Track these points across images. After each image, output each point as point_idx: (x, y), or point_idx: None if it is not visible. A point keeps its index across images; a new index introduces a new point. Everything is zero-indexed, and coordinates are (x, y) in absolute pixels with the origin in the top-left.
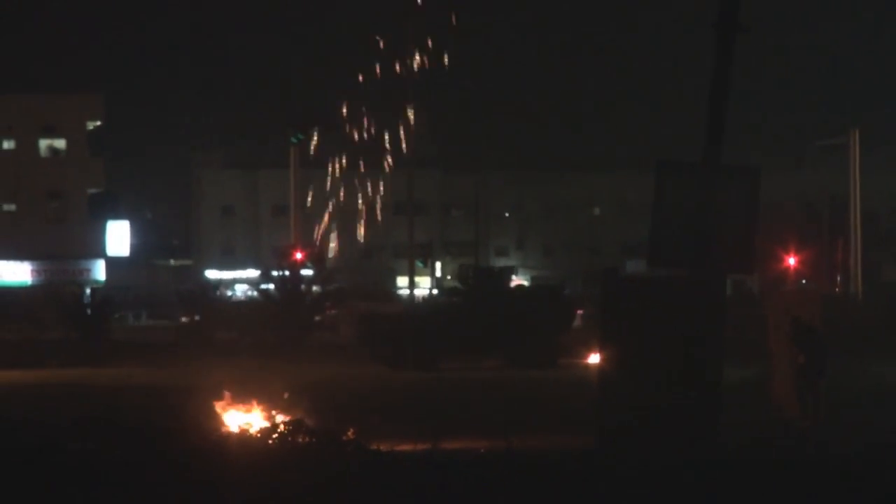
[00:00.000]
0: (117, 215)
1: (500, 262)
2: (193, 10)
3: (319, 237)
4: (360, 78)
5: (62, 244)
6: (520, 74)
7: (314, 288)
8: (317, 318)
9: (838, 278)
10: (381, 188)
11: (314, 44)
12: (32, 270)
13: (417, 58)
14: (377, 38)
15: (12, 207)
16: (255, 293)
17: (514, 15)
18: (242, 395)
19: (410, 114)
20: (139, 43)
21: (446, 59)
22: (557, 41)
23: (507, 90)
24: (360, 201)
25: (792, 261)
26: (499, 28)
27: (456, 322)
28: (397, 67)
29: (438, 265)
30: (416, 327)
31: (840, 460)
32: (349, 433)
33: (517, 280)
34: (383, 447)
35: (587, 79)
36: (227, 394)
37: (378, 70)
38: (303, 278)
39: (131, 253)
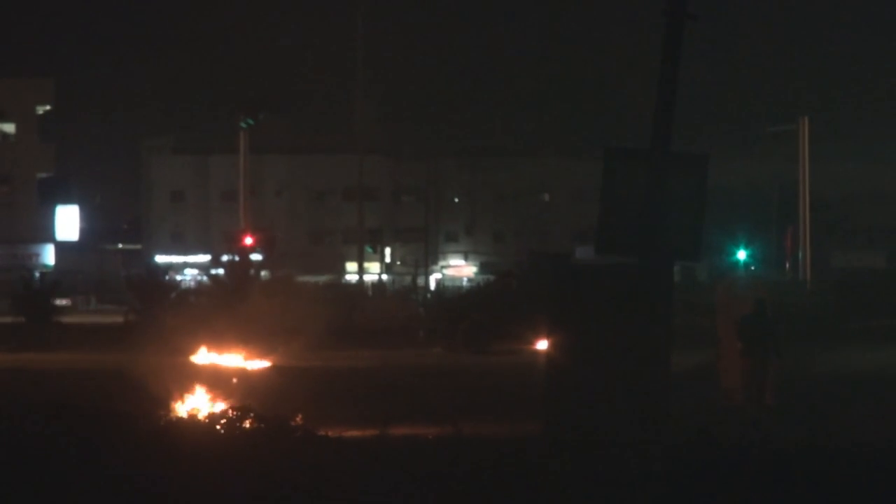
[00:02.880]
0: (66, 200)
1: (451, 248)
2: None
3: (269, 222)
4: (310, 63)
5: (11, 229)
6: (472, 60)
7: (263, 273)
8: None
9: (787, 265)
10: (332, 173)
11: (264, 28)
12: None
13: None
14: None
15: None
16: (205, 278)
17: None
18: (191, 381)
19: (360, 99)
20: (89, 27)
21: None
22: (509, 26)
23: (458, 75)
24: (310, 186)
25: (741, 248)
26: (451, 13)
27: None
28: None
29: (388, 251)
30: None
31: (785, 447)
32: (297, 419)
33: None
34: (331, 433)
35: (539, 64)
36: (175, 379)
37: (328, 55)
38: (252, 263)
39: (80, 237)
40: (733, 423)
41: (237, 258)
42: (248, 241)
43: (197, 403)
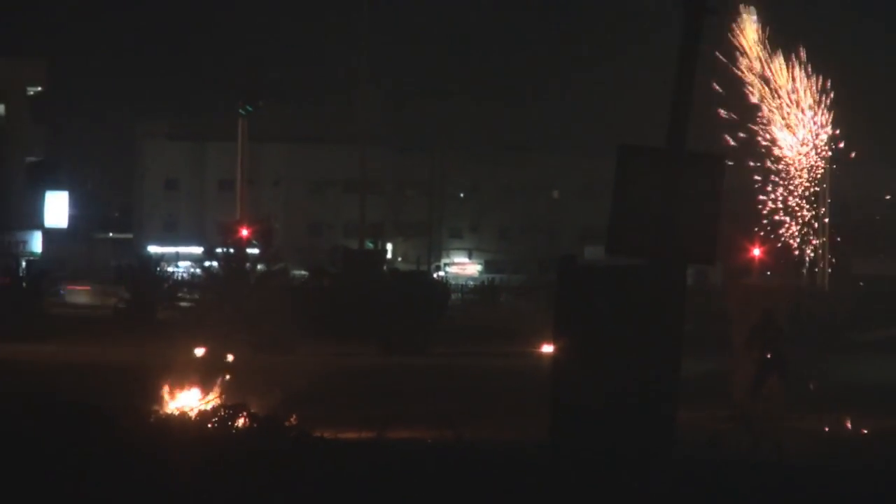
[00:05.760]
0: (56, 185)
1: (454, 245)
2: None
3: (266, 214)
4: (314, 50)
5: None
6: (482, 51)
7: (259, 267)
8: None
9: (804, 271)
10: (333, 164)
11: (267, 12)
12: None
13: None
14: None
15: None
16: (198, 270)
17: None
18: (183, 377)
19: (363, 88)
20: (83, 7)
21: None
22: (521, 19)
23: (468, 67)
24: (309, 177)
25: (757, 252)
26: (461, 4)
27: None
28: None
29: (390, 246)
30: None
31: (794, 462)
32: (292, 419)
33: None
34: (327, 434)
35: (551, 58)
36: (166, 375)
37: (332, 42)
38: (248, 256)
39: (70, 225)
40: (743, 435)
41: (232, 250)
42: (244, 232)
43: (187, 400)
